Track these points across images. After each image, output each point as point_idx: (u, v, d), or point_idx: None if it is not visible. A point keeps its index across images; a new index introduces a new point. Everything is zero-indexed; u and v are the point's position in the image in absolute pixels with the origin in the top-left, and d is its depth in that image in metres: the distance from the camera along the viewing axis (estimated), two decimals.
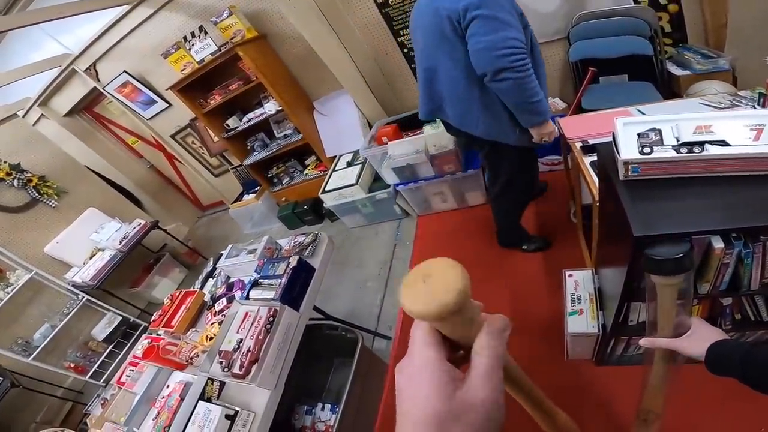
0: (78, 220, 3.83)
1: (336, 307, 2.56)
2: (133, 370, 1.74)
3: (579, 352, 1.58)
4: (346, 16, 2.96)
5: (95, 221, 3.90)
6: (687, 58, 2.41)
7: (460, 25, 1.43)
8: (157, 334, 1.84)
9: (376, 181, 3.04)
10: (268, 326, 1.37)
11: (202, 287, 2.04)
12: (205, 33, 3.14)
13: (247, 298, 1.58)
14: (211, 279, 2.06)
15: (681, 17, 2.53)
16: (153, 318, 1.90)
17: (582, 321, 1.42)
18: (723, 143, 0.74)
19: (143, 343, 1.84)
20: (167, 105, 4.05)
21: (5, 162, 3.50)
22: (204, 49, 3.17)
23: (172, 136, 4.43)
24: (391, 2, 2.84)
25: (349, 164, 3.20)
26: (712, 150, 0.74)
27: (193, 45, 3.19)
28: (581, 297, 1.49)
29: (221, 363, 1.35)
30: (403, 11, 2.86)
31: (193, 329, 1.77)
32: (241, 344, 1.36)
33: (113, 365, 3.50)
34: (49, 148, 3.93)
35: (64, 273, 3.61)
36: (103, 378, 3.40)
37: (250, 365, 1.28)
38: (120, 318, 3.73)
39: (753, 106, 1.46)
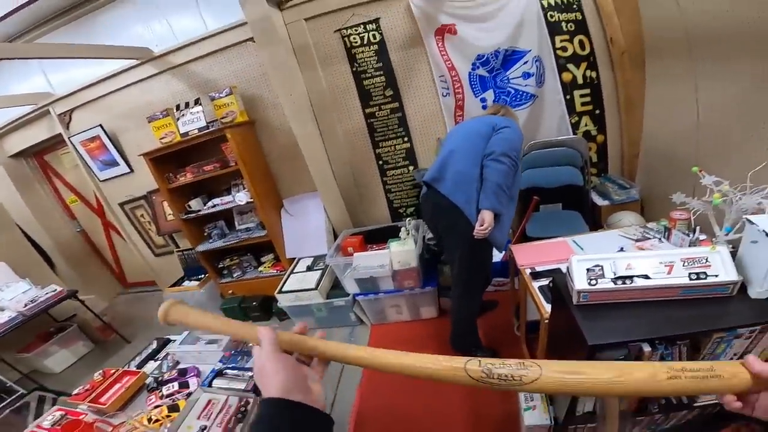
0: None
1: None
2: None
3: None
4: (334, 119, 3.21)
5: (1, 278, 3.44)
6: (607, 188, 2.88)
7: (494, 129, 1.98)
8: (77, 408, 1.70)
9: (334, 288, 3.10)
10: (239, 416, 1.30)
11: (140, 368, 1.95)
12: (200, 106, 3.15)
13: (210, 385, 1.50)
14: (152, 361, 1.99)
15: (605, 147, 3.08)
16: (75, 391, 1.77)
17: (536, 415, 1.59)
18: (645, 277, 1.05)
19: (54, 414, 1.67)
20: (129, 171, 3.95)
21: None
22: (192, 123, 3.17)
23: (121, 205, 4.25)
24: (378, 114, 3.19)
25: (309, 268, 3.26)
26: (638, 282, 1.05)
27: (183, 115, 3.19)
28: (533, 395, 1.68)
29: None
30: (386, 125, 3.22)
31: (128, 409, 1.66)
32: (205, 431, 1.26)
33: None
34: None
35: None
36: None
37: None
38: None
39: (660, 239, 1.76)
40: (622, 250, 1.74)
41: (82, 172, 4.08)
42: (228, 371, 1.59)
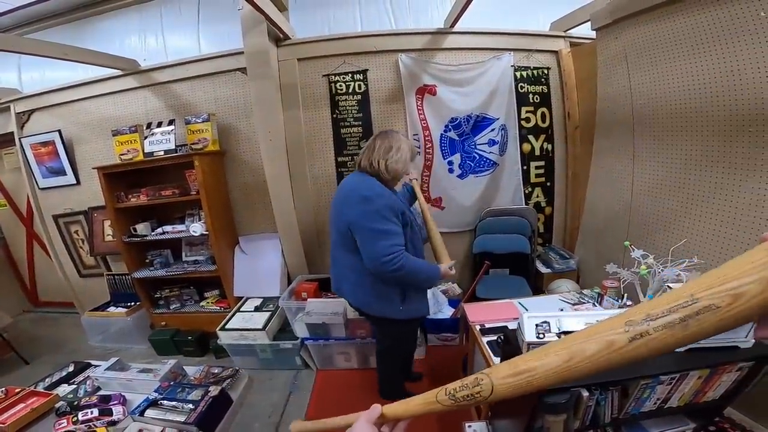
0: None
1: None
2: None
3: None
4: (306, 163, 3.15)
5: None
6: (550, 257, 3.06)
7: (351, 233, 1.77)
8: None
9: (282, 331, 2.91)
10: None
11: (50, 389, 1.71)
12: (173, 128, 3.05)
13: (142, 414, 1.32)
14: (66, 384, 1.79)
15: (552, 218, 3.23)
16: None
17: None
18: None
19: None
20: (75, 182, 3.64)
21: None
22: (160, 143, 3.02)
23: (56, 217, 3.84)
24: (349, 165, 3.18)
25: (258, 309, 3.06)
26: None
27: (152, 134, 3.03)
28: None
29: None
30: None
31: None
32: None
33: None
34: None
35: None
36: None
37: None
38: None
39: (594, 303, 1.98)
40: (562, 310, 1.95)
41: (22, 176, 3.73)
42: (164, 402, 1.40)
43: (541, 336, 1.22)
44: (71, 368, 1.90)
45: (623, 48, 2.40)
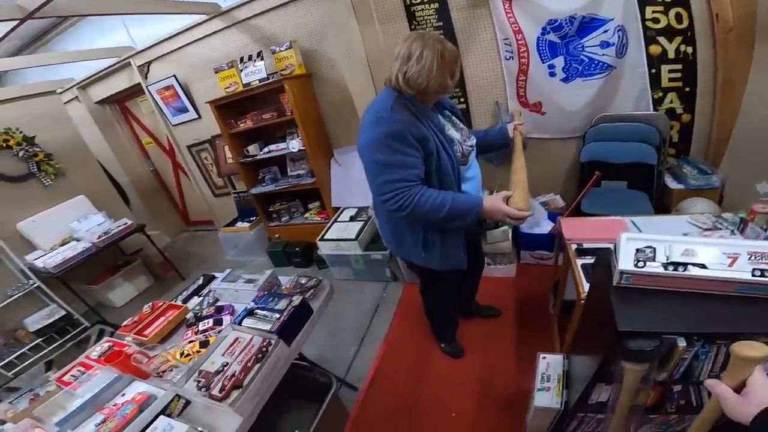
0: (65, 204, 3.71)
1: (304, 348, 2.46)
2: (81, 371, 1.61)
3: (537, 425, 1.61)
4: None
5: (81, 209, 3.77)
6: (684, 171, 2.51)
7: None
8: (123, 340, 1.73)
9: (374, 242, 3.05)
10: (260, 356, 1.31)
11: (185, 302, 1.95)
12: (262, 59, 3.20)
13: (240, 324, 1.52)
14: (196, 297, 2.00)
15: (690, 128, 2.64)
16: (125, 323, 1.80)
17: (548, 397, 1.51)
18: (702, 266, 0.87)
19: (103, 346, 1.70)
20: (197, 117, 4.11)
21: (20, 132, 3.44)
22: (254, 74, 3.22)
23: (189, 147, 4.45)
24: None
25: (352, 219, 3.23)
26: (693, 271, 0.87)
27: (246, 67, 3.24)
28: (550, 377, 1.59)
29: (198, 382, 1.27)
30: None
31: (167, 343, 1.69)
32: (225, 368, 1.29)
33: (32, 359, 3.18)
34: (68, 129, 3.91)
35: (25, 254, 3.36)
36: (15, 370, 3.05)
37: (232, 389, 1.21)
38: (64, 312, 3.44)
39: (732, 231, 1.54)
40: (685, 235, 1.42)
41: (157, 118, 4.33)
42: (258, 311, 1.56)
43: (641, 264, 0.93)
44: (200, 281, 2.10)
45: None
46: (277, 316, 1.49)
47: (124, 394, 1.39)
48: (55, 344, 3.31)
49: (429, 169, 1.42)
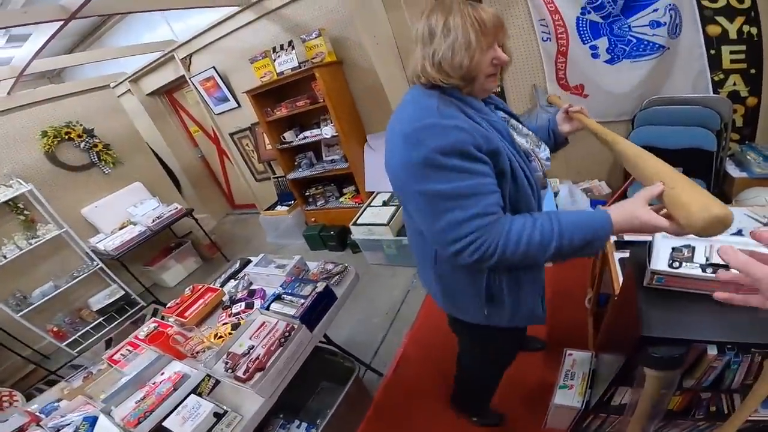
0: (123, 190, 3.98)
1: (335, 332, 2.52)
2: (129, 351, 1.72)
3: (557, 423, 1.58)
4: None
5: (137, 195, 4.03)
6: (749, 158, 2.30)
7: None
8: (167, 321, 1.83)
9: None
10: (283, 340, 1.36)
11: (222, 286, 2.03)
12: (292, 48, 3.25)
13: (268, 308, 1.58)
14: (233, 280, 2.07)
15: (757, 111, 2.42)
16: (168, 305, 1.90)
17: (569, 395, 1.47)
18: None
19: (150, 326, 1.80)
20: (236, 105, 4.23)
21: (81, 125, 3.69)
22: (286, 63, 3.27)
23: (231, 135, 4.60)
24: None
25: (385, 204, 3.22)
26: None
27: (278, 56, 3.30)
28: (575, 374, 1.54)
29: (226, 363, 1.34)
30: None
31: (204, 324, 1.77)
32: (251, 350, 1.35)
33: (95, 337, 3.46)
34: (123, 120, 4.17)
35: (89, 237, 3.66)
36: (79, 348, 3.33)
37: (255, 371, 1.26)
38: (123, 292, 3.73)
39: None
40: (740, 233, 1.29)
41: (202, 108, 4.50)
42: (285, 296, 1.61)
43: (676, 264, 0.83)
44: (237, 265, 2.16)
45: None
46: (302, 301, 1.53)
47: (163, 373, 1.47)
48: (115, 323, 3.60)
49: (502, 195, 0.92)
